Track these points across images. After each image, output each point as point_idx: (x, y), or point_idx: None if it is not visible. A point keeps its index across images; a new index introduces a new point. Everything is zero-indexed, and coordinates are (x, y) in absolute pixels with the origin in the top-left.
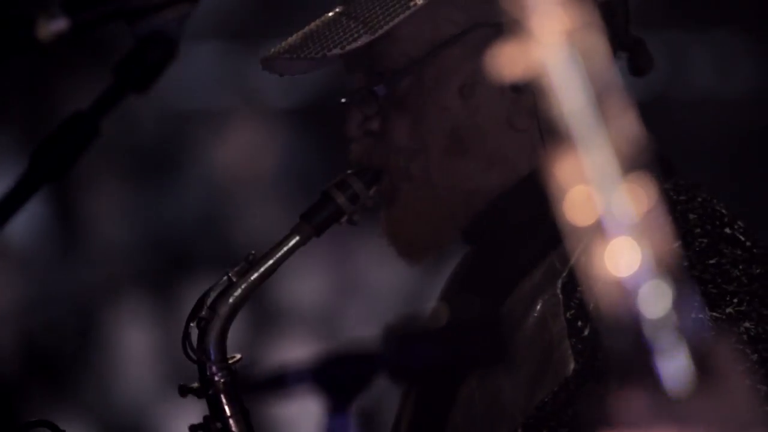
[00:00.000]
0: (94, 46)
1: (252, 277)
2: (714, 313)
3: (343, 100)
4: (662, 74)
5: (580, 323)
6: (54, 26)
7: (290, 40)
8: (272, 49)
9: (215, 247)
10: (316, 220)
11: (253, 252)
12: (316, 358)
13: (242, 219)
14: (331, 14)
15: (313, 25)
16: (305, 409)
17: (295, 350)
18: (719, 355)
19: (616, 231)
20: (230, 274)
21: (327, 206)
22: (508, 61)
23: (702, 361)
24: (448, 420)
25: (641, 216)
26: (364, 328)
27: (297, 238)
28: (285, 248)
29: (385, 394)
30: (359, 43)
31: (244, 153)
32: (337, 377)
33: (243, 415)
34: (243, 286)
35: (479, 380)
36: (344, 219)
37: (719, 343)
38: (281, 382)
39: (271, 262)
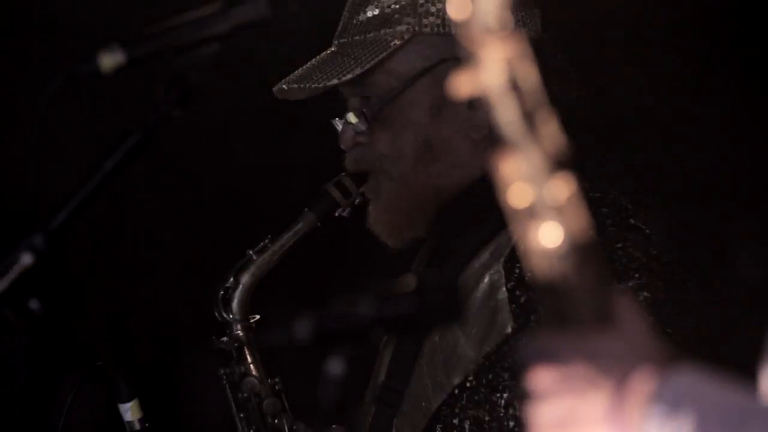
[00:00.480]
0: None
1: (267, 255)
2: (620, 285)
3: (333, 120)
4: None
5: (518, 292)
6: (114, 59)
7: (297, 73)
8: (284, 81)
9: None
10: (317, 211)
11: (269, 236)
12: (315, 315)
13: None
14: (328, 52)
15: (314, 60)
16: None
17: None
18: (622, 308)
19: (545, 216)
20: (251, 252)
21: (326, 200)
22: (465, 86)
23: (609, 311)
24: (415, 366)
25: (564, 204)
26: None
27: (302, 224)
28: (293, 232)
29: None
30: (352, 75)
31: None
32: (332, 329)
33: (261, 362)
34: (260, 262)
35: (441, 336)
36: (339, 211)
37: (623, 299)
38: (289, 335)
39: (282, 242)
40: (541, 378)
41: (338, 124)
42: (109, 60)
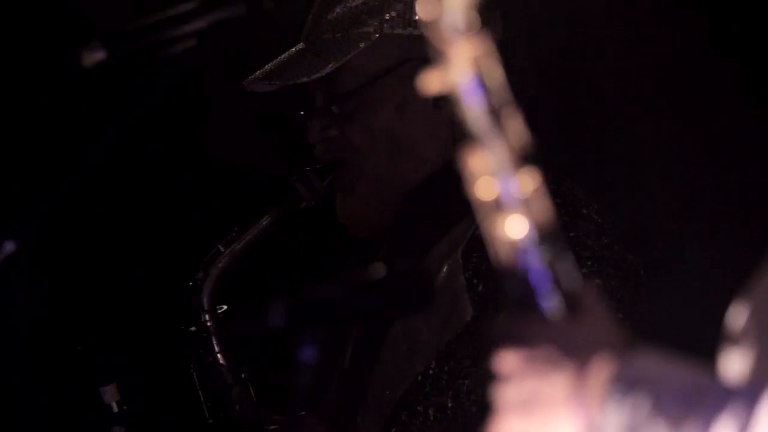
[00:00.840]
0: None
1: (235, 248)
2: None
3: (301, 113)
4: None
5: (475, 281)
6: (95, 56)
7: (267, 68)
8: (253, 75)
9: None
10: (283, 205)
11: (236, 228)
12: (289, 302)
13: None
14: (297, 49)
15: (284, 56)
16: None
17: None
18: (585, 296)
19: (510, 208)
20: (219, 246)
21: (291, 194)
22: (431, 85)
23: (573, 300)
24: (379, 355)
25: (529, 197)
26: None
27: (268, 217)
28: (259, 225)
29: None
30: (320, 73)
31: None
32: (305, 317)
33: (228, 351)
34: (228, 254)
35: (403, 326)
36: (303, 204)
37: (585, 287)
38: (263, 323)
39: (249, 235)
40: (506, 360)
41: (305, 119)
42: (90, 57)
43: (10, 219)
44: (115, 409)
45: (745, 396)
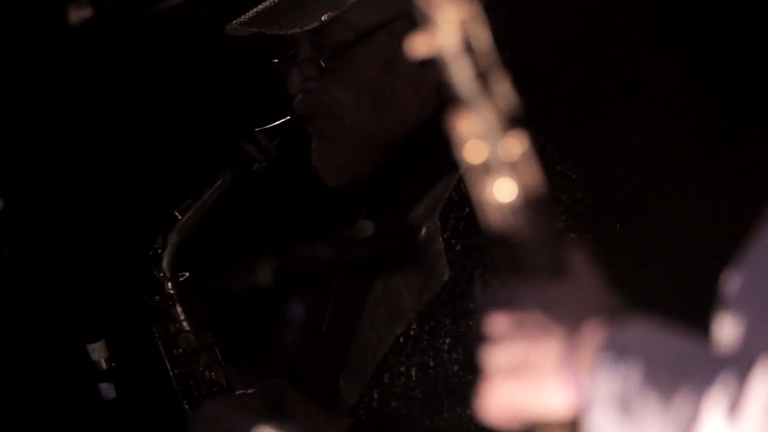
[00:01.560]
0: None
1: (191, 214)
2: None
3: (274, 61)
4: None
5: (453, 241)
6: (81, 13)
7: (251, 13)
8: (237, 19)
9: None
10: (234, 167)
11: (191, 195)
12: (276, 259)
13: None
14: None
15: (267, 3)
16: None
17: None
18: (574, 260)
19: (499, 171)
20: (176, 212)
21: (242, 156)
22: (419, 45)
23: (559, 263)
24: (358, 319)
25: (517, 160)
26: None
27: (221, 181)
28: (213, 189)
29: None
30: (314, 24)
31: None
32: (292, 273)
33: (192, 318)
34: (185, 221)
35: (382, 288)
36: (255, 166)
37: (574, 251)
38: (250, 280)
39: (204, 200)
40: (495, 324)
41: (286, 69)
42: (77, 14)
43: None
44: (104, 366)
45: (738, 365)
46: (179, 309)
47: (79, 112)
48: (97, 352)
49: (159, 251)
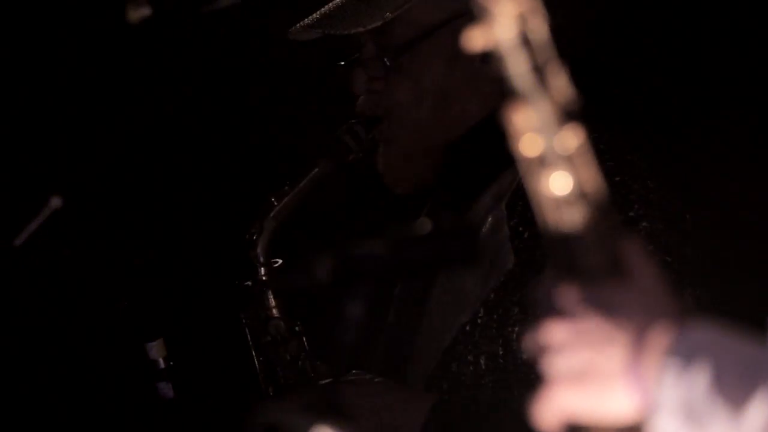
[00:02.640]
0: None
1: (288, 200)
2: (621, 216)
3: (341, 63)
4: None
5: (520, 228)
6: (140, 12)
7: (315, 16)
8: (300, 23)
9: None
10: (331, 157)
11: (288, 182)
12: (334, 257)
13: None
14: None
15: (330, 6)
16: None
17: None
18: (634, 259)
19: (555, 165)
20: (273, 199)
21: (339, 146)
22: (479, 40)
23: (617, 262)
24: (425, 309)
25: (573, 153)
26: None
27: (318, 170)
28: (310, 178)
29: (386, 287)
30: (377, 23)
31: None
32: (350, 271)
33: (282, 305)
34: (281, 207)
35: (446, 278)
36: (351, 156)
37: (630, 247)
38: (309, 277)
39: (301, 187)
40: (557, 331)
41: (351, 70)
42: (136, 12)
43: (56, 174)
44: (162, 365)
45: None
46: (270, 295)
47: (163, 104)
48: (156, 350)
49: (255, 236)
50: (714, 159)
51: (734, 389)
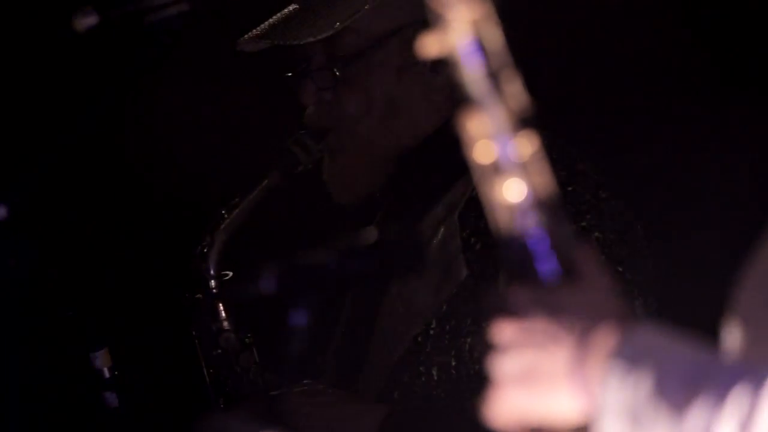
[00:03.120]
0: None
1: (237, 213)
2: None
3: (290, 74)
4: None
5: (473, 240)
6: (87, 21)
7: (263, 27)
8: (249, 34)
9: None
10: (280, 168)
11: (237, 194)
12: (280, 268)
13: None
14: (290, 10)
15: (278, 16)
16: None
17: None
18: (582, 261)
19: (508, 171)
20: (222, 211)
21: (288, 157)
22: (431, 48)
23: (570, 264)
24: (376, 319)
25: (527, 160)
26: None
27: (267, 182)
28: (259, 189)
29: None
30: (327, 33)
31: None
32: (296, 282)
33: (233, 317)
34: (231, 219)
35: (398, 288)
36: (300, 167)
37: (582, 250)
38: (256, 288)
39: (250, 199)
40: (504, 331)
41: (299, 81)
42: (82, 22)
43: (1, 184)
44: (107, 374)
45: (751, 376)
46: (221, 308)
47: (103, 114)
48: (101, 360)
49: (205, 249)
50: (665, 167)
51: (676, 394)
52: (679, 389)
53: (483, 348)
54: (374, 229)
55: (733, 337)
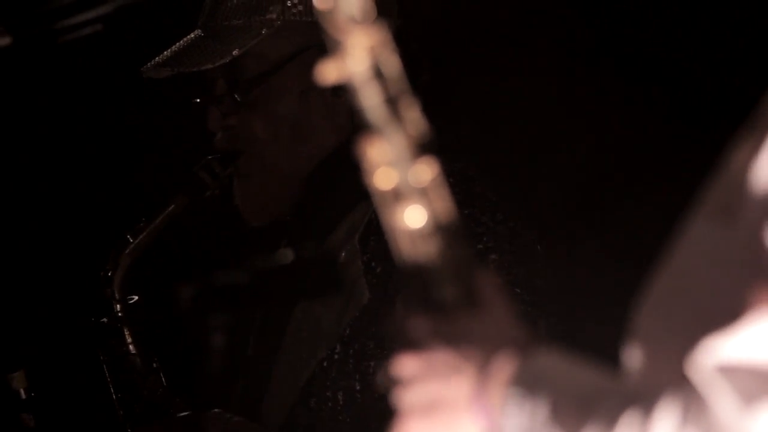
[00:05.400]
0: None
1: (143, 237)
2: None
3: (197, 100)
4: None
5: (373, 263)
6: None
7: (166, 54)
8: (152, 61)
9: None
10: (187, 193)
11: (143, 219)
12: (193, 288)
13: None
14: (193, 36)
15: (181, 43)
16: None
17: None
18: (481, 285)
19: (408, 197)
20: (128, 236)
21: (195, 182)
22: (330, 73)
23: (469, 289)
24: (281, 343)
25: (427, 186)
26: None
27: (174, 206)
28: (166, 214)
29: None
30: (225, 59)
31: None
32: (210, 302)
33: (139, 341)
34: (137, 244)
35: (303, 312)
36: (208, 193)
37: (481, 279)
38: (169, 309)
39: (156, 224)
40: (406, 363)
41: (204, 107)
42: None
43: None
44: (23, 395)
45: (643, 400)
46: (126, 332)
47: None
48: (17, 381)
49: (110, 273)
50: (571, 188)
51: (570, 419)
52: (573, 413)
53: (386, 374)
54: (289, 249)
55: (632, 359)
